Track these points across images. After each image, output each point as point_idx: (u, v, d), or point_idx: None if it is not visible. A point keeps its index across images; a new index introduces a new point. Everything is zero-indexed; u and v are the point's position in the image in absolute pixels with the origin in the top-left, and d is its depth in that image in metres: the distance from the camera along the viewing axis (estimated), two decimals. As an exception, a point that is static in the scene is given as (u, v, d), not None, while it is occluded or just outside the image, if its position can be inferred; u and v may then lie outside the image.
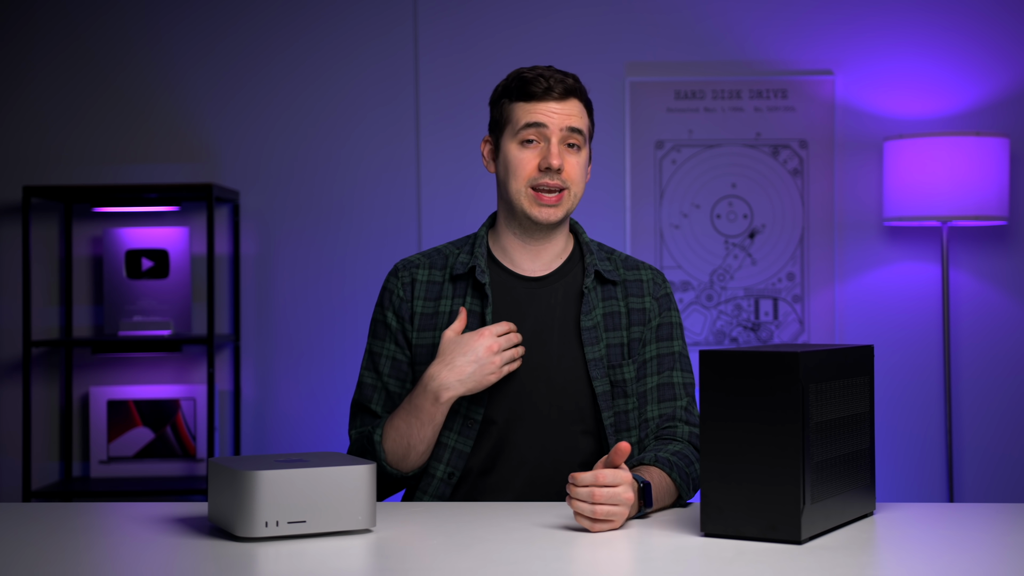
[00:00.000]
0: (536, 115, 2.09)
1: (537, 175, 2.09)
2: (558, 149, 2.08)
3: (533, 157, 2.09)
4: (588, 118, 2.14)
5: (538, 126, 2.09)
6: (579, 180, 2.12)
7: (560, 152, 2.08)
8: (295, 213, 3.98)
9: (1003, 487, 3.90)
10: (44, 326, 3.94)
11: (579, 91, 2.13)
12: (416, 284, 2.17)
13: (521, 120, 2.10)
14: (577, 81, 2.14)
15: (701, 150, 3.95)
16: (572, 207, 2.12)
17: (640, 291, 2.19)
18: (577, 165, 2.11)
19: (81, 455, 3.97)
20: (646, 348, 2.16)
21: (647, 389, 2.15)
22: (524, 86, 2.10)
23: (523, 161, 2.09)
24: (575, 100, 2.11)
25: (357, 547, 1.66)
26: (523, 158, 2.10)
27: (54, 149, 3.99)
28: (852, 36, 3.94)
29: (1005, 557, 1.64)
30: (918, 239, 3.93)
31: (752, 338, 3.93)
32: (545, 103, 2.09)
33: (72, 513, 1.94)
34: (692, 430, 2.12)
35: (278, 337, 3.97)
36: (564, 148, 2.10)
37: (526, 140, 2.10)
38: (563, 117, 2.09)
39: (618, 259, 2.22)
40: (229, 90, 3.98)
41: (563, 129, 2.09)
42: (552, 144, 2.08)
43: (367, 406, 2.17)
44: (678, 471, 1.97)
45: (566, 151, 2.10)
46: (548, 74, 2.11)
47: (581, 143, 2.11)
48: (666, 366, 2.16)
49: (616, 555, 1.63)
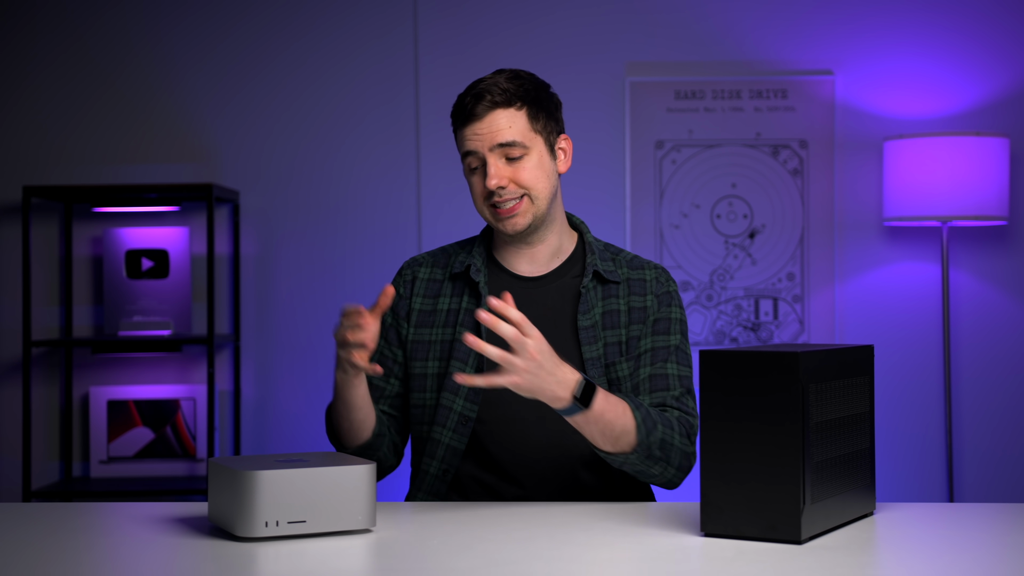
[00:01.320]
0: (467, 143, 2.10)
1: (488, 195, 2.10)
2: (495, 168, 2.07)
3: (479, 180, 2.11)
4: (526, 118, 2.08)
5: (472, 153, 2.10)
6: (535, 182, 2.09)
7: (499, 170, 2.07)
8: (295, 213, 3.98)
9: (1003, 487, 3.90)
10: (44, 326, 3.94)
11: (506, 99, 2.07)
12: (417, 281, 2.20)
13: (461, 148, 2.12)
14: (510, 85, 2.08)
15: (701, 150, 3.95)
16: (540, 209, 2.11)
17: (643, 289, 2.18)
18: (527, 169, 2.08)
19: (81, 455, 3.97)
20: (641, 342, 2.14)
21: (639, 380, 2.12)
22: (456, 111, 2.11)
23: (474, 187, 2.12)
24: (500, 111, 2.07)
25: (357, 547, 1.66)
26: (474, 184, 2.12)
27: (54, 149, 3.99)
28: (852, 36, 3.94)
29: (1005, 557, 1.64)
30: (918, 239, 3.93)
31: (752, 338, 3.93)
32: (471, 126, 2.08)
33: (72, 513, 1.94)
34: (683, 416, 2.08)
35: (278, 337, 3.97)
36: (504, 163, 2.08)
37: (471, 167, 2.12)
38: (489, 136, 2.07)
39: (623, 259, 2.22)
40: (229, 90, 3.98)
41: (493, 148, 2.08)
42: (490, 164, 2.07)
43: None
44: (643, 413, 1.94)
45: (507, 165, 2.08)
46: (471, 93, 2.08)
47: (522, 150, 2.08)
48: (660, 358, 2.14)
49: (616, 555, 1.63)
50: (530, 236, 2.15)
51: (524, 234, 2.13)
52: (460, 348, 2.13)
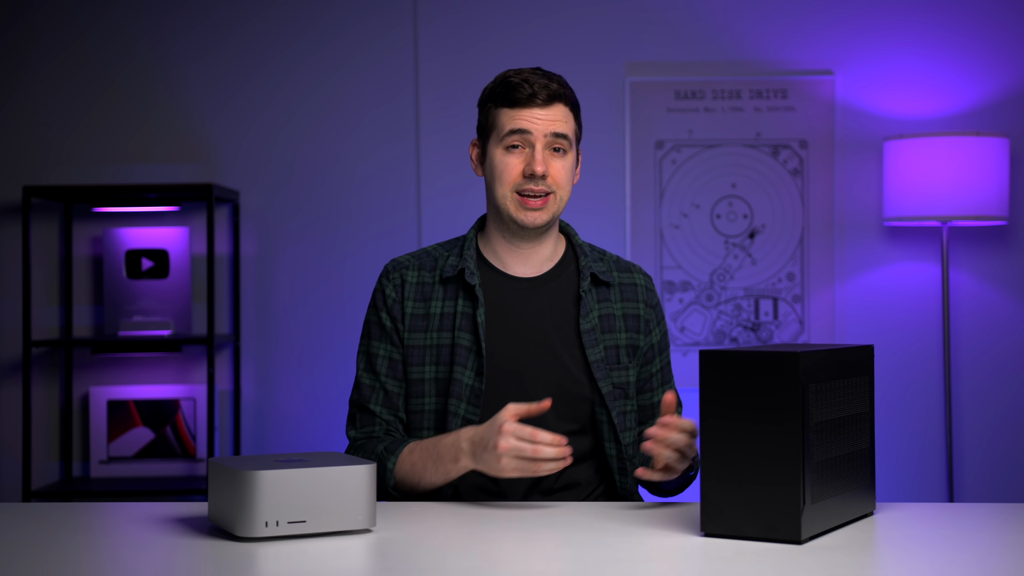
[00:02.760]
0: (520, 121, 2.09)
1: (522, 180, 2.10)
2: (543, 155, 2.09)
3: (518, 163, 2.10)
4: (574, 121, 2.14)
5: (522, 132, 2.09)
6: (565, 184, 2.12)
7: (544, 158, 2.09)
8: (295, 213, 3.98)
9: (1003, 487, 3.90)
10: (44, 326, 3.94)
11: (564, 95, 2.12)
12: (406, 285, 2.18)
13: (506, 126, 2.10)
14: (563, 84, 2.13)
15: (701, 150, 3.95)
16: (558, 211, 2.13)
17: (635, 296, 2.23)
18: (563, 169, 2.11)
19: (81, 455, 3.97)
20: (651, 364, 2.23)
21: (654, 402, 2.23)
22: (509, 91, 2.10)
23: (508, 167, 2.10)
24: (560, 105, 2.11)
25: (357, 547, 1.66)
26: (508, 163, 2.10)
27: (54, 149, 3.99)
28: (852, 36, 3.94)
29: (1005, 557, 1.64)
30: (918, 239, 3.93)
31: (752, 338, 3.93)
32: (529, 109, 2.09)
33: (72, 513, 1.94)
34: None
35: (278, 337, 3.97)
36: (549, 153, 2.11)
37: (511, 146, 2.11)
38: (547, 123, 2.09)
39: (610, 260, 2.25)
40: (229, 90, 3.98)
41: (547, 135, 2.09)
42: (536, 150, 2.09)
43: (366, 406, 2.17)
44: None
45: (551, 156, 2.11)
46: (533, 79, 2.10)
47: (567, 147, 2.12)
48: (668, 378, 2.27)
49: (616, 555, 1.63)
50: (538, 235, 2.15)
51: (535, 232, 2.14)
52: (461, 352, 2.12)
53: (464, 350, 2.12)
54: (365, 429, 2.16)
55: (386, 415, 2.15)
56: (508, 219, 2.12)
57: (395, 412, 2.16)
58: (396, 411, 2.16)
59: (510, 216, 2.12)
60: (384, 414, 2.16)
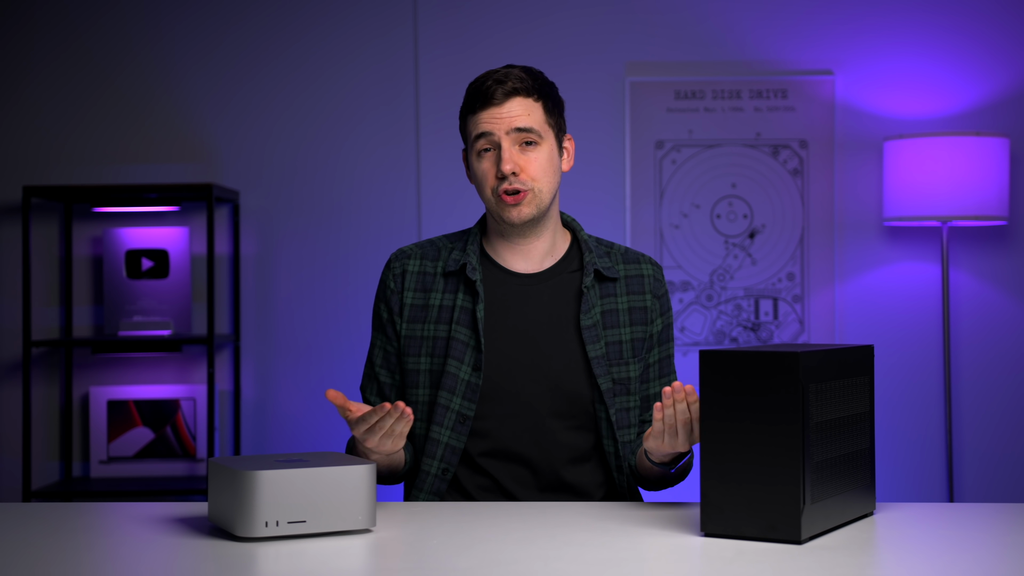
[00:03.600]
0: (481, 125, 2.10)
1: (497, 182, 2.11)
2: (509, 154, 2.09)
3: (491, 166, 2.11)
4: (542, 111, 2.12)
5: (486, 135, 2.10)
6: (541, 176, 2.11)
7: (512, 156, 2.09)
8: (295, 213, 3.98)
9: (1003, 487, 3.90)
10: (44, 326, 3.94)
11: (526, 88, 2.11)
12: (407, 275, 2.19)
13: (472, 132, 2.12)
14: (528, 77, 2.11)
15: (701, 150, 3.95)
16: (543, 203, 2.12)
17: (641, 287, 2.21)
18: (535, 162, 2.10)
19: (81, 455, 3.97)
20: (650, 353, 2.21)
21: (651, 394, 2.21)
22: (470, 98, 2.13)
23: (484, 172, 2.12)
24: (519, 98, 2.10)
25: (357, 547, 1.66)
26: (483, 168, 2.12)
27: (54, 149, 3.99)
28: (852, 36, 3.94)
29: (1005, 557, 1.64)
30: (918, 239, 3.93)
31: (752, 338, 3.92)
32: (488, 110, 2.10)
33: (72, 513, 1.94)
34: None
35: (278, 337, 3.97)
36: (519, 149, 2.10)
37: (482, 150, 2.12)
38: (507, 120, 2.09)
39: (618, 253, 2.24)
40: (229, 90, 3.98)
41: (510, 132, 2.09)
42: (504, 149, 2.09)
43: (364, 395, 2.24)
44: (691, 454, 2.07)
45: (521, 151, 2.10)
46: (491, 78, 2.11)
47: (536, 139, 2.11)
48: (667, 370, 2.24)
49: (616, 555, 1.63)
50: (529, 230, 2.15)
51: (524, 227, 2.13)
52: (457, 346, 2.13)
53: (460, 344, 2.12)
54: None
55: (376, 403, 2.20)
56: (498, 218, 2.14)
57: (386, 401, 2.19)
58: (387, 400, 2.19)
59: (499, 215, 2.13)
60: (376, 403, 2.20)
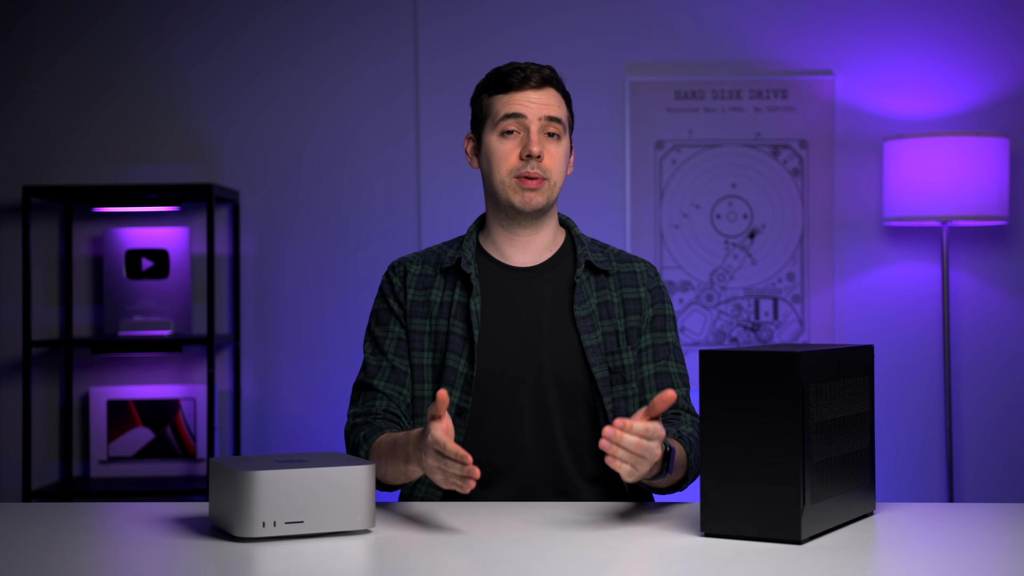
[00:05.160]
0: (514, 105, 2.11)
1: (519, 165, 2.11)
2: (538, 137, 2.11)
3: (514, 147, 2.12)
4: (567, 109, 2.17)
5: (517, 116, 2.11)
6: (558, 170, 2.13)
7: (540, 140, 2.11)
8: (295, 213, 3.98)
9: (1003, 487, 3.90)
10: (44, 326, 3.94)
11: (556, 81, 2.15)
12: (409, 276, 2.21)
13: (500, 112, 2.12)
14: (554, 72, 2.16)
15: (701, 150, 3.95)
16: (553, 196, 2.14)
17: (634, 281, 2.22)
18: (556, 155, 2.13)
19: (81, 455, 3.97)
20: (642, 338, 2.19)
21: (644, 378, 2.18)
22: (501, 79, 2.13)
23: (505, 152, 2.12)
24: (552, 89, 2.14)
25: (356, 547, 1.66)
26: (504, 149, 2.12)
27: (54, 149, 3.99)
28: (852, 36, 3.94)
29: (1005, 557, 1.63)
30: (918, 239, 3.93)
31: (752, 338, 3.92)
32: (522, 92, 2.12)
33: (72, 513, 1.94)
34: (694, 419, 2.16)
35: (278, 337, 3.97)
36: (544, 137, 2.12)
37: (506, 131, 2.12)
38: (541, 106, 2.11)
39: (611, 252, 2.25)
40: (229, 90, 3.98)
41: (542, 118, 2.11)
42: (532, 132, 2.10)
43: (370, 383, 2.16)
44: (695, 452, 2.01)
45: (546, 140, 2.12)
46: (524, 65, 2.14)
47: (560, 132, 2.13)
48: (661, 355, 2.20)
49: (616, 555, 1.63)
50: (533, 221, 2.16)
51: (529, 217, 2.14)
52: (455, 341, 2.13)
53: (458, 338, 2.13)
54: (366, 404, 2.15)
55: (389, 390, 2.14)
56: (506, 205, 2.13)
57: (399, 388, 2.15)
58: (401, 387, 2.15)
59: (508, 201, 2.12)
60: (387, 389, 2.14)
